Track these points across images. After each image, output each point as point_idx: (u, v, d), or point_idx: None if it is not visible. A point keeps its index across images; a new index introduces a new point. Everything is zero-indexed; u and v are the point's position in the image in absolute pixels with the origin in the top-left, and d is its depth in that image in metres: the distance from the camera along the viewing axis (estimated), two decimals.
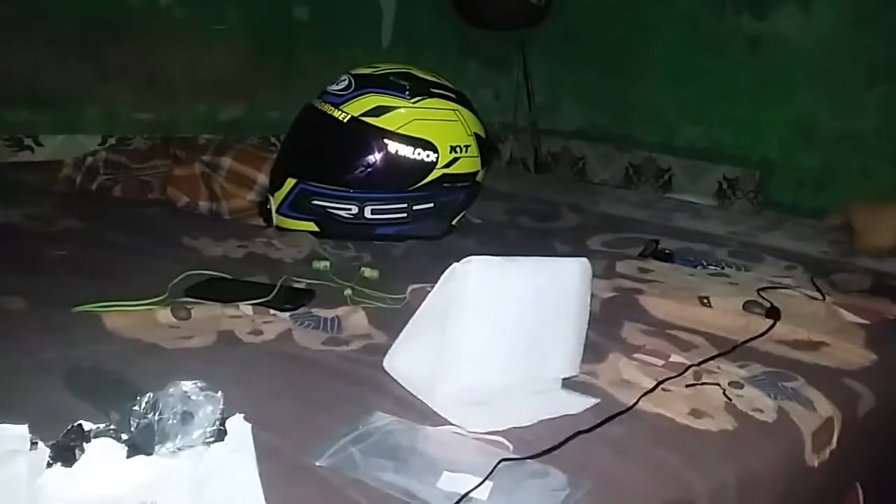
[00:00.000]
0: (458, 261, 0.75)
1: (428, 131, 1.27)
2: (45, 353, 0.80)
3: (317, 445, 0.65)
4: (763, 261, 1.34)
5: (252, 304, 0.96)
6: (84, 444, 0.56)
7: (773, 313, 1.05)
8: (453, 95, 1.32)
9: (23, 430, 0.59)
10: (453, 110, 1.31)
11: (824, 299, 1.13)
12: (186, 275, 1.02)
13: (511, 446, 0.69)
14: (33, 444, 0.58)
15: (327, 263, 1.16)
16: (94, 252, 1.16)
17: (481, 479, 0.61)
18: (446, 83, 1.34)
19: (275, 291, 1.00)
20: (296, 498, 0.58)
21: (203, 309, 0.95)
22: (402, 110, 1.27)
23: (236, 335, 0.89)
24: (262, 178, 1.42)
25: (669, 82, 2.04)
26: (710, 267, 1.27)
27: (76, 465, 0.55)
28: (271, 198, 1.33)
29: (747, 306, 1.08)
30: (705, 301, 1.10)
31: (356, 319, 0.96)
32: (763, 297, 1.09)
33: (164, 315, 0.92)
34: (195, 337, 0.87)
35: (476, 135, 1.33)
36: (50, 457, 0.56)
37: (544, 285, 0.76)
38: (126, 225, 1.30)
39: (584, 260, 0.80)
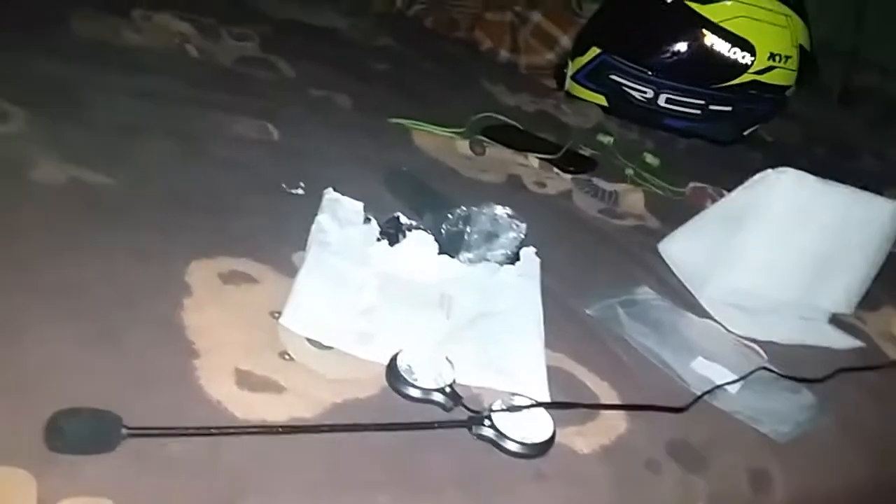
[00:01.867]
0: (750, 173, 0.75)
1: (752, 31, 1.21)
2: (365, 150, 0.91)
3: (587, 296, 0.70)
4: None
5: (539, 158, 1.01)
6: (405, 231, 0.65)
7: None
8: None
9: (359, 205, 0.69)
10: (785, 16, 1.22)
11: None
12: (484, 115, 1.09)
13: (766, 357, 0.70)
14: (367, 219, 0.68)
15: (612, 139, 1.18)
16: (405, 73, 1.26)
17: (737, 378, 0.63)
18: None
19: (561, 152, 1.04)
20: (566, 333, 0.64)
21: (496, 150, 1.01)
22: (730, 3, 1.21)
23: (523, 181, 0.95)
24: (565, 40, 1.43)
25: None
26: None
27: (398, 245, 0.65)
28: (570, 62, 1.34)
29: None
30: None
31: (633, 199, 0.99)
32: None
33: (463, 146, 1.00)
34: (488, 173, 0.94)
35: (801, 47, 1.24)
36: (379, 233, 0.66)
37: (851, 217, 0.74)
38: (433, 55, 1.38)
39: None
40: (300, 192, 0.75)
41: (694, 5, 1.21)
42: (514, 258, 0.68)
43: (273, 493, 0.43)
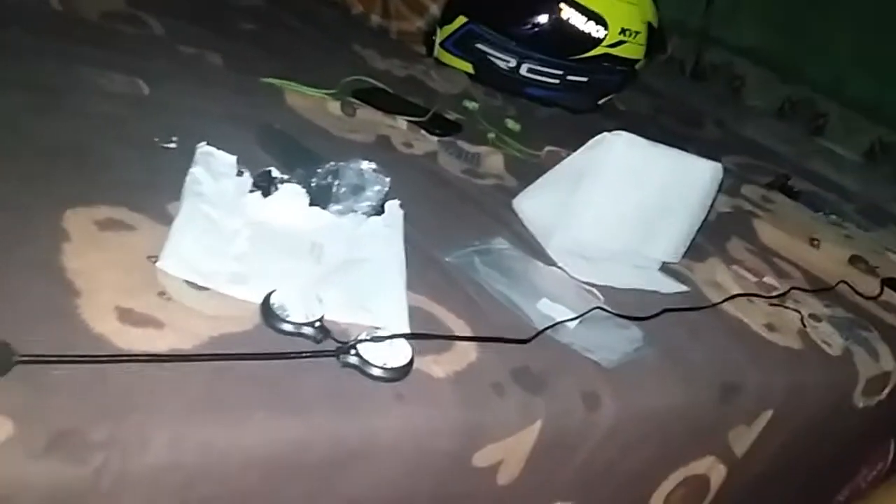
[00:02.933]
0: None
1: (604, 7, 1.30)
2: (238, 109, 0.93)
3: (447, 246, 0.77)
4: (888, 228, 1.36)
5: (408, 121, 1.07)
6: (277, 184, 0.70)
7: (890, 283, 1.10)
8: None
9: (232, 159, 0.72)
10: None
11: None
12: (355, 78, 1.13)
13: (602, 299, 0.79)
14: (239, 172, 0.71)
15: (476, 105, 1.25)
16: (276, 32, 1.28)
17: (575, 316, 0.72)
18: None
19: (428, 115, 1.10)
20: (425, 278, 0.70)
21: (366, 111, 1.06)
22: None
23: (392, 142, 1.01)
24: (435, 9, 1.47)
25: (855, 23, 1.93)
26: (832, 216, 1.31)
27: (270, 197, 0.69)
28: (439, 30, 1.40)
29: (853, 260, 1.13)
30: (815, 242, 1.15)
31: (494, 161, 1.06)
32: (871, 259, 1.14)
33: (334, 107, 1.04)
34: (358, 133, 0.99)
35: (649, 24, 1.35)
36: (252, 185, 0.70)
37: (676, 175, 0.84)
38: (304, 17, 1.40)
39: (719, 165, 0.87)
40: (173, 145, 0.77)
41: None
42: (379, 210, 0.74)
43: (157, 411, 0.47)
